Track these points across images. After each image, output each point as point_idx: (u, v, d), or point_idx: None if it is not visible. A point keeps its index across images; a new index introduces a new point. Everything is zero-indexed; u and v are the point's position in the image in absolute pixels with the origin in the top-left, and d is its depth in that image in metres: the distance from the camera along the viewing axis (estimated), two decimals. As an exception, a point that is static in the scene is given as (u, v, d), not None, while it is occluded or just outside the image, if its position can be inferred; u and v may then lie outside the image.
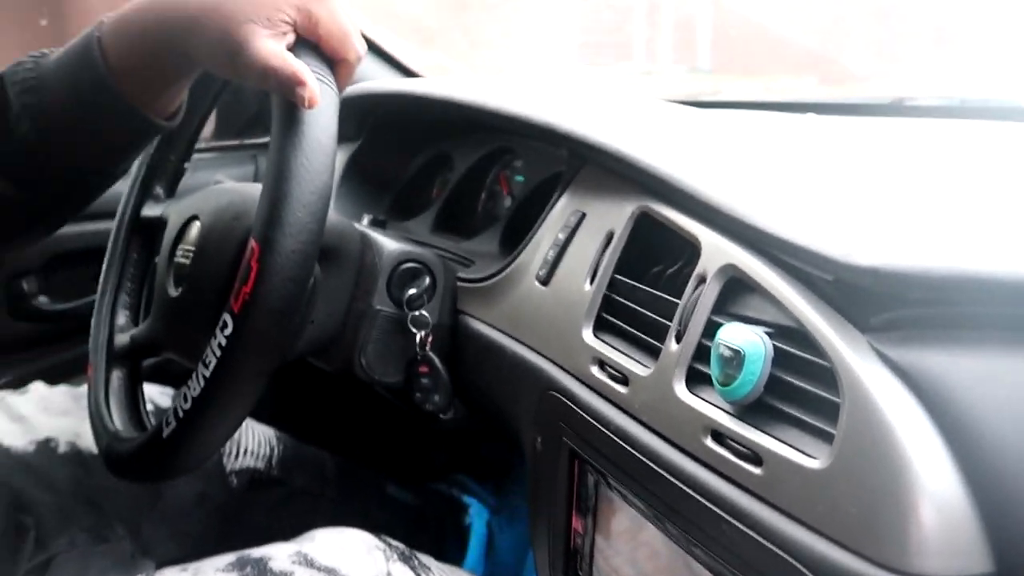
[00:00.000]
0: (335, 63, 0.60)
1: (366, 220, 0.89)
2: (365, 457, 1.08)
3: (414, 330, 0.74)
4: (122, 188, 0.81)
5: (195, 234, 0.75)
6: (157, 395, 0.98)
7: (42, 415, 0.89)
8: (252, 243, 0.53)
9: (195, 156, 0.90)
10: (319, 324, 0.73)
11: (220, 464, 0.92)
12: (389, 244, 0.76)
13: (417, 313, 0.74)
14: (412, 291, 0.74)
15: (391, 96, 0.99)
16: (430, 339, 0.74)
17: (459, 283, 0.78)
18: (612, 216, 0.63)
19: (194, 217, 0.76)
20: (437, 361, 0.74)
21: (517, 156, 0.95)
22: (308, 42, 0.59)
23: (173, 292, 0.75)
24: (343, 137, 1.10)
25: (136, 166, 0.85)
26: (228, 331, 0.54)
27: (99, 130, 0.65)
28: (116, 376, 0.77)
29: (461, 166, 1.00)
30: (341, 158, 1.07)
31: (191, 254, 0.73)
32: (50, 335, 1.15)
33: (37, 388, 0.95)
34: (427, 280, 0.76)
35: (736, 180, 0.56)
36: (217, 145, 1.32)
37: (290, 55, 0.56)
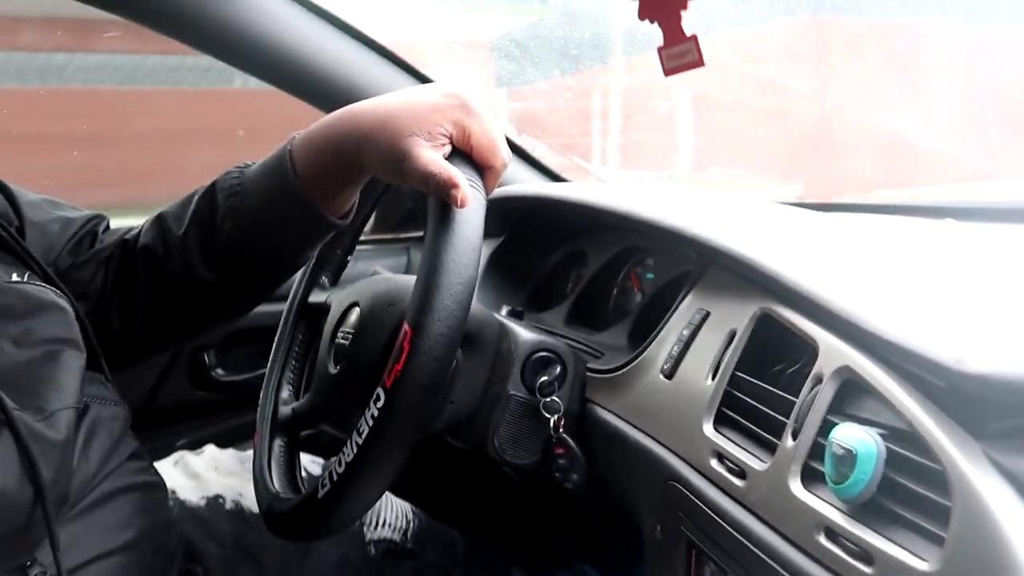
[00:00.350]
0: (484, 170, 0.70)
1: (505, 311, 0.96)
2: (493, 538, 1.11)
3: (546, 415, 0.79)
4: (293, 276, 0.94)
5: (354, 319, 0.84)
6: (308, 463, 1.08)
7: (213, 474, 1.00)
8: (405, 326, 0.61)
9: (356, 248, 1.02)
10: (458, 404, 0.79)
11: (361, 532, 0.98)
12: (524, 334, 0.82)
13: (549, 399, 0.79)
14: (544, 378, 0.79)
15: (532, 199, 1.07)
16: (562, 423, 0.78)
17: (588, 373, 0.83)
18: (735, 315, 0.66)
19: (354, 304, 0.85)
20: (572, 442, 0.78)
21: (648, 255, 0.99)
22: (462, 152, 0.69)
23: (332, 370, 0.84)
24: (488, 233, 1.19)
25: None
26: (380, 403, 0.61)
27: (287, 227, 0.78)
28: (278, 444, 0.86)
29: (595, 263, 1.06)
30: (485, 252, 1.16)
31: (350, 336, 0.82)
32: (224, 403, 1.29)
33: (210, 450, 1.06)
34: (558, 368, 0.81)
35: (854, 284, 0.58)
36: (376, 238, 1.45)
37: (446, 163, 0.66)
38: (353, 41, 1.17)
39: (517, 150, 1.34)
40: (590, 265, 1.07)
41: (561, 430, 0.78)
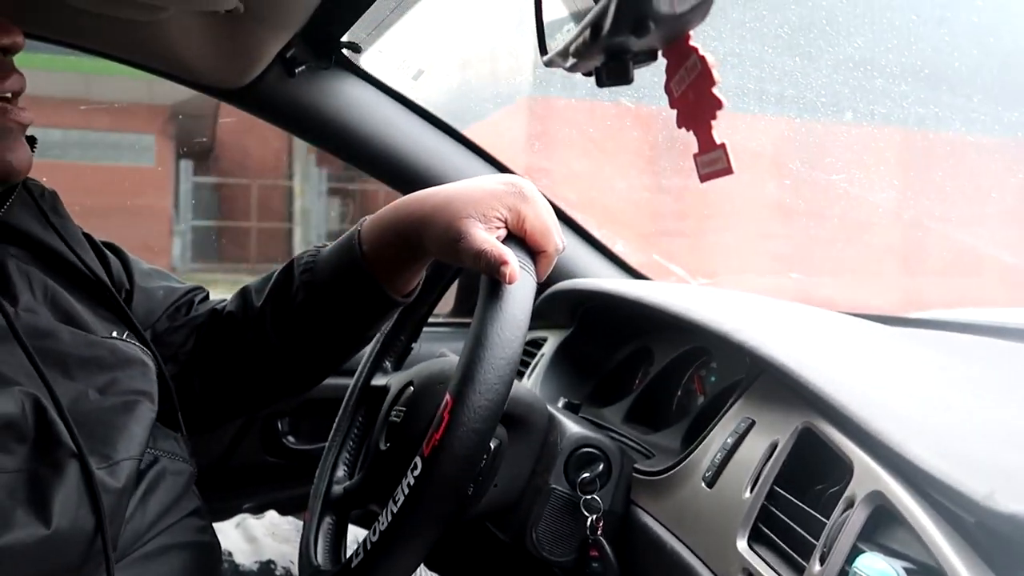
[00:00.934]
0: (537, 254, 0.72)
1: (561, 402, 0.96)
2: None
3: (586, 513, 0.77)
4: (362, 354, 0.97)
5: (407, 397, 0.86)
6: (357, 539, 1.09)
7: (270, 539, 1.03)
8: (447, 397, 0.62)
9: (431, 330, 1.05)
10: (501, 489, 0.79)
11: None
12: (572, 427, 0.82)
13: (590, 497, 0.78)
14: (587, 475, 0.79)
15: (600, 294, 1.08)
16: (601, 524, 0.77)
17: (636, 474, 0.81)
18: (778, 427, 0.64)
19: (409, 383, 0.87)
20: (607, 547, 0.76)
21: (712, 357, 0.98)
22: (516, 236, 0.71)
23: (383, 447, 0.86)
24: (557, 324, 1.21)
25: (372, 343, 1.00)
26: (417, 472, 0.62)
27: (353, 303, 0.83)
28: (327, 521, 0.88)
29: (660, 361, 1.05)
30: (552, 343, 1.17)
31: (402, 413, 0.84)
32: (292, 470, 1.33)
33: (271, 515, 1.10)
34: (602, 466, 0.80)
35: (899, 404, 0.56)
36: (453, 321, 1.49)
37: (498, 242, 0.68)
38: (428, 126, 1.24)
39: (595, 244, 1.36)
40: (655, 363, 1.06)
41: (599, 531, 0.76)
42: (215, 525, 1.10)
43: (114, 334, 0.78)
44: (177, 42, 1.00)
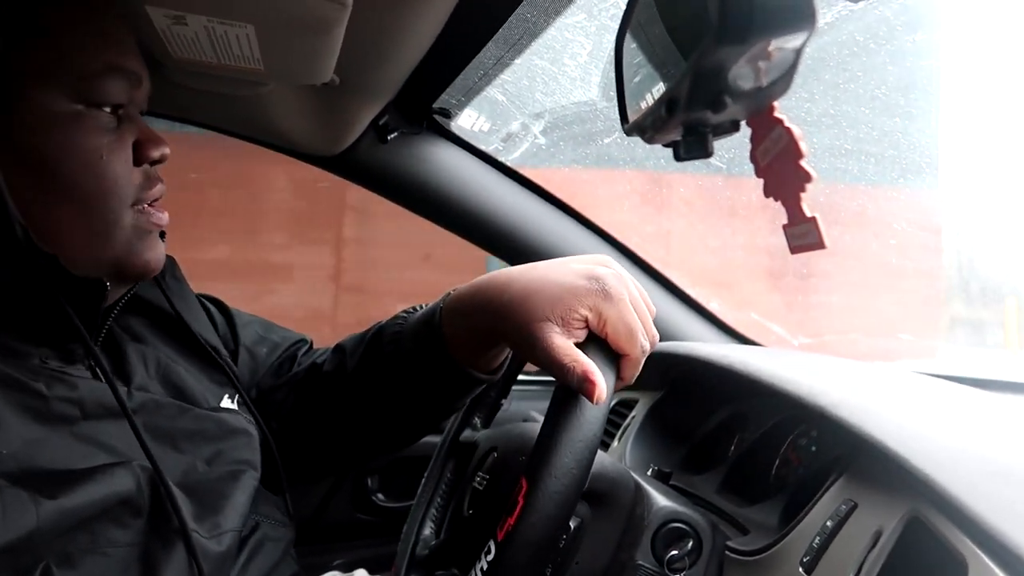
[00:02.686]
0: (620, 357, 0.68)
1: (651, 470, 0.92)
2: None
3: (674, 595, 0.74)
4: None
5: (491, 463, 0.85)
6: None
7: None
8: (522, 480, 0.61)
9: (521, 388, 1.04)
10: (583, 565, 0.76)
11: None
12: (660, 500, 0.78)
13: (678, 576, 0.74)
14: (675, 552, 0.75)
15: (692, 359, 1.05)
16: (687, 606, 0.73)
17: (729, 552, 0.77)
18: (883, 513, 0.60)
19: (493, 448, 0.87)
20: (690, 633, 0.72)
21: (812, 426, 0.93)
22: (598, 338, 0.67)
23: (465, 513, 0.85)
24: (648, 386, 1.18)
25: None
26: (490, 557, 0.61)
27: (436, 381, 0.83)
28: None
29: (757, 429, 1.00)
30: (643, 406, 1.14)
31: (485, 481, 0.83)
32: (381, 527, 1.33)
33: (359, 573, 1.10)
34: (692, 543, 0.76)
35: (1017, 490, 0.51)
36: (542, 379, 1.47)
37: (580, 354, 0.64)
38: (521, 189, 1.24)
39: (689, 302, 1.33)
40: (751, 430, 1.01)
41: (687, 613, 0.72)
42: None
43: (224, 403, 0.81)
44: (276, 113, 1.05)
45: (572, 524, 0.74)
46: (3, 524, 0.53)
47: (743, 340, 1.34)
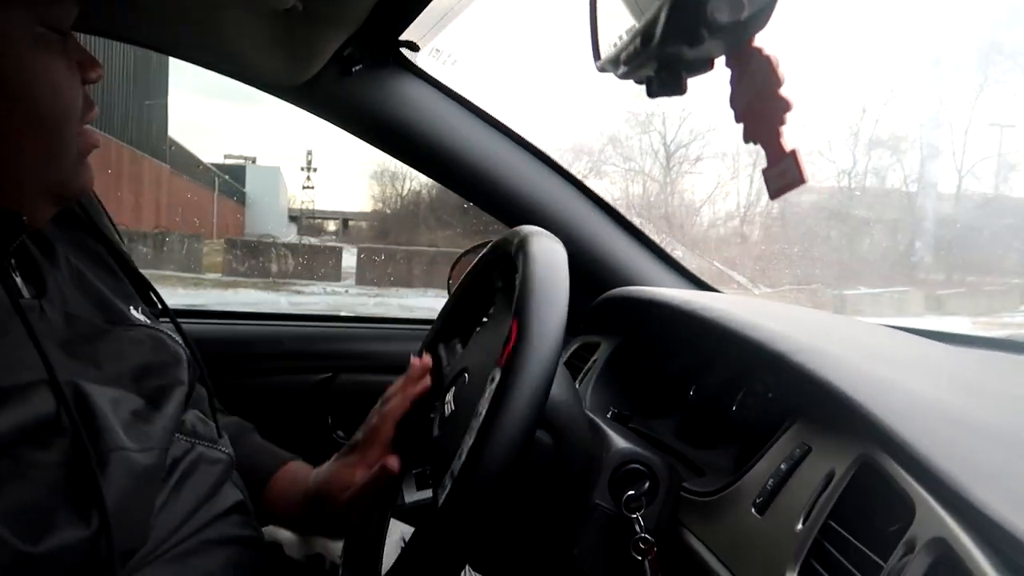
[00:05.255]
0: None
1: (611, 412, 0.93)
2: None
3: (638, 531, 0.75)
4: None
5: (456, 393, 0.84)
6: (407, 534, 1.08)
7: None
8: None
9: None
10: (545, 502, 0.77)
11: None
12: (618, 442, 0.79)
13: (633, 515, 0.75)
14: (631, 492, 0.76)
15: (653, 303, 1.05)
16: (651, 543, 0.74)
17: (684, 494, 0.79)
18: (835, 456, 0.61)
19: (462, 372, 0.86)
20: (648, 568, 0.74)
21: (770, 373, 0.94)
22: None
23: (435, 434, 0.84)
24: (609, 330, 1.18)
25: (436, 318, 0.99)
26: (495, 383, 0.62)
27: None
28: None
29: (716, 375, 1.01)
30: (604, 350, 1.14)
31: (452, 407, 0.82)
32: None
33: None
34: (648, 484, 0.77)
35: (970, 439, 0.52)
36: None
37: None
38: (484, 126, 1.22)
39: (653, 248, 1.32)
40: (710, 376, 1.03)
41: (642, 552, 0.74)
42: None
43: (133, 313, 0.78)
44: (236, 40, 1.01)
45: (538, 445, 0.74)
46: None
47: (706, 288, 1.35)
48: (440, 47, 1.18)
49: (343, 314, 1.43)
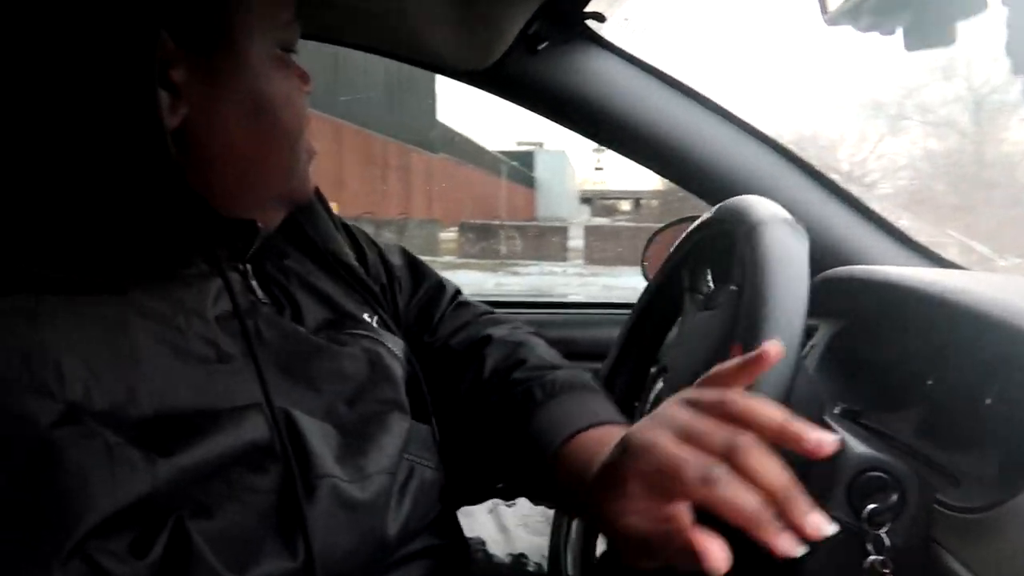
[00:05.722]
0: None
1: (838, 408, 0.83)
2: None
3: (871, 552, 0.66)
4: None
5: (660, 386, 0.79)
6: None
7: (522, 531, 1.02)
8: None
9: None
10: None
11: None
12: (856, 446, 0.70)
13: (878, 532, 0.66)
14: (874, 505, 0.67)
15: (880, 284, 0.93)
16: (889, 568, 0.65)
17: (939, 506, 0.68)
18: None
19: (664, 369, 0.80)
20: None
21: (1037, 362, 0.79)
22: None
23: None
24: (828, 312, 1.07)
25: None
26: None
27: (516, 453, 0.78)
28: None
29: (964, 363, 0.88)
30: (824, 335, 1.03)
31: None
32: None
33: (523, 503, 1.09)
34: (894, 496, 0.67)
35: None
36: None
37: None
38: (683, 98, 1.13)
39: (876, 220, 1.18)
40: (952, 365, 0.89)
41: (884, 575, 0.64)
42: (465, 508, 1.11)
43: (365, 316, 0.79)
44: (420, 28, 1.00)
45: None
46: (112, 490, 0.50)
47: (940, 262, 1.18)
48: (628, 15, 1.11)
49: (541, 299, 1.40)
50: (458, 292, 0.97)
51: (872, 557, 0.65)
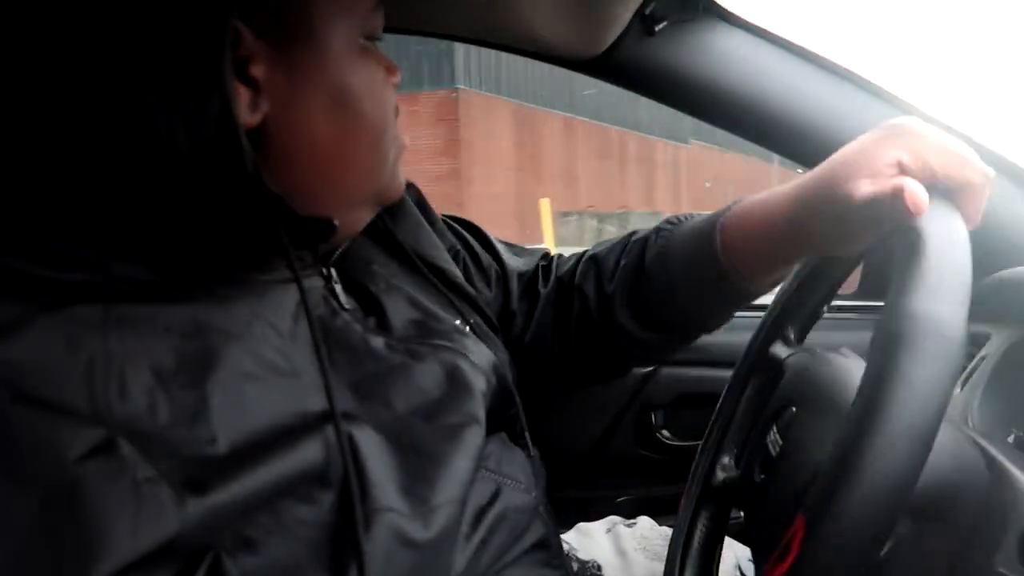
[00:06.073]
0: (958, 192, 0.57)
1: (1012, 436, 0.70)
2: None
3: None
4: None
5: (786, 419, 0.69)
6: (743, 558, 0.95)
7: (640, 555, 0.94)
8: (799, 517, 0.46)
9: (829, 316, 0.85)
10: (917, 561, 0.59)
11: None
12: (1032, 488, 0.57)
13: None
14: (1054, 563, 0.54)
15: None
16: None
17: None
18: None
19: (790, 403, 0.70)
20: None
21: None
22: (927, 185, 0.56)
23: (757, 478, 0.71)
24: (1006, 317, 0.91)
25: (772, 303, 0.83)
26: None
27: (707, 296, 0.77)
28: (703, 520, 0.76)
29: None
30: (998, 344, 0.88)
31: (779, 447, 0.68)
32: (667, 467, 1.23)
33: (643, 523, 1.01)
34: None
35: None
36: (854, 304, 1.24)
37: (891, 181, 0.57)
38: (824, 72, 1.00)
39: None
40: None
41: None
42: (583, 526, 1.04)
43: (457, 322, 0.74)
44: (527, 15, 0.94)
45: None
46: (134, 532, 0.46)
47: None
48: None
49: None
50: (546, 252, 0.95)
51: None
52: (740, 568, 0.95)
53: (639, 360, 0.97)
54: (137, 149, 0.54)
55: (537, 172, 14.87)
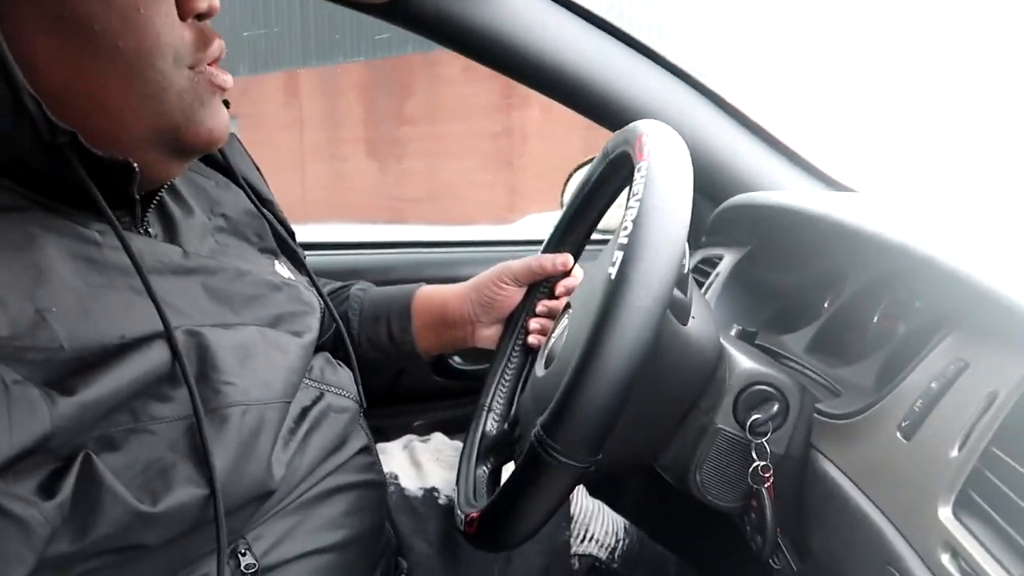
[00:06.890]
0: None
1: (735, 329, 0.86)
2: (709, 571, 1.03)
3: (755, 458, 0.69)
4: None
5: (564, 322, 0.81)
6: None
7: (434, 464, 1.03)
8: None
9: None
10: (661, 427, 0.73)
11: (567, 544, 0.95)
12: (743, 362, 0.73)
13: (760, 441, 0.69)
14: (757, 416, 0.70)
15: (780, 209, 0.95)
16: (769, 472, 0.68)
17: (817, 415, 0.72)
18: (999, 374, 0.52)
19: (567, 306, 0.82)
20: (767, 500, 0.68)
21: (919, 280, 0.83)
22: None
23: (540, 372, 0.81)
24: (733, 240, 1.09)
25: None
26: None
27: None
28: (481, 468, 0.85)
29: (854, 284, 0.91)
30: (728, 262, 1.06)
31: (562, 340, 0.79)
32: (460, 390, 1.33)
33: (436, 438, 1.10)
34: (777, 406, 0.70)
35: None
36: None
37: None
38: (595, 31, 1.12)
39: (780, 147, 1.20)
40: (848, 286, 0.93)
41: (766, 481, 0.68)
42: (381, 445, 1.12)
43: (277, 268, 0.78)
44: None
45: None
46: (8, 431, 0.48)
47: (840, 188, 1.22)
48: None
49: (452, 239, 1.40)
50: None
51: (756, 463, 0.68)
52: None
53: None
54: None
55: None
